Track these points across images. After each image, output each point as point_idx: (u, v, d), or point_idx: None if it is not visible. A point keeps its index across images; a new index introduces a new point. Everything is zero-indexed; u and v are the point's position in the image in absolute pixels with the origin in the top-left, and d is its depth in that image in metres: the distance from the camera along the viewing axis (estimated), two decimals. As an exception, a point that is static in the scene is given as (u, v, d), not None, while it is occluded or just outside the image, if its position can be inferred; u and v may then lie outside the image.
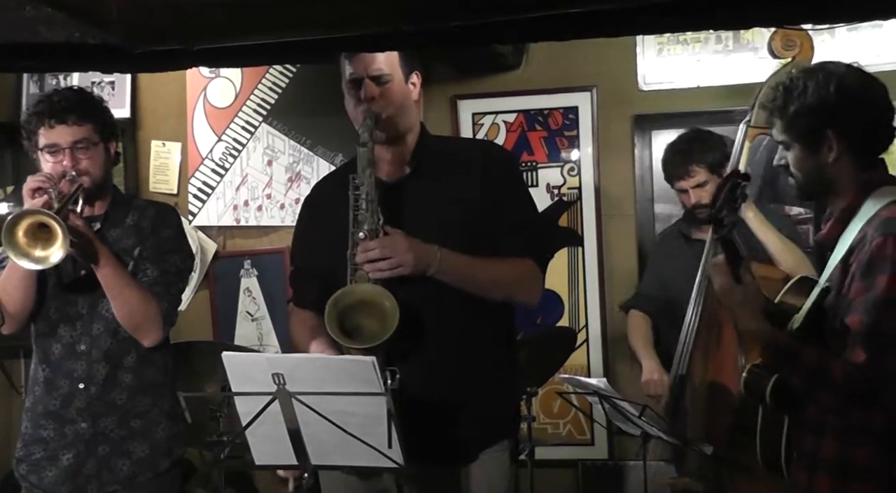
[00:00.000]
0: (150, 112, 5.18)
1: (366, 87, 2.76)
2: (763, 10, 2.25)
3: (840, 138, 2.47)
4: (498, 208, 2.79)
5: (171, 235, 3.23)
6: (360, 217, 2.67)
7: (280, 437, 2.47)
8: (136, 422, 3.14)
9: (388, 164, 2.84)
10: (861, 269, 2.37)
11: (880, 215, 2.40)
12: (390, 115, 2.77)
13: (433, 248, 2.67)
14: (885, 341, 2.31)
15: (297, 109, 4.98)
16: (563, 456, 4.69)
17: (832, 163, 2.49)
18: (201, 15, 2.30)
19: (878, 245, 2.34)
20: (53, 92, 3.14)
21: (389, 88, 2.79)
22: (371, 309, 2.62)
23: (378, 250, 2.62)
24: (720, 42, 4.57)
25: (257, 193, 5.03)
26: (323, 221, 2.89)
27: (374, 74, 2.77)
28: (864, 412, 2.38)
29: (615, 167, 4.70)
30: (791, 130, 2.53)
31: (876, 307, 2.32)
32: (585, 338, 4.71)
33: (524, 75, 4.79)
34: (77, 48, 2.48)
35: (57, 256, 2.80)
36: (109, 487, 3.12)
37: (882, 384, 2.32)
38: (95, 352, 3.11)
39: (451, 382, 2.74)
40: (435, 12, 2.28)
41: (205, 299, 5.10)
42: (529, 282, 2.86)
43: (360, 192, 2.68)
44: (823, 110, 2.47)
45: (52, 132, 3.04)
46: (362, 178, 2.68)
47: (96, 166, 3.09)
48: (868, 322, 2.32)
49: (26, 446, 3.17)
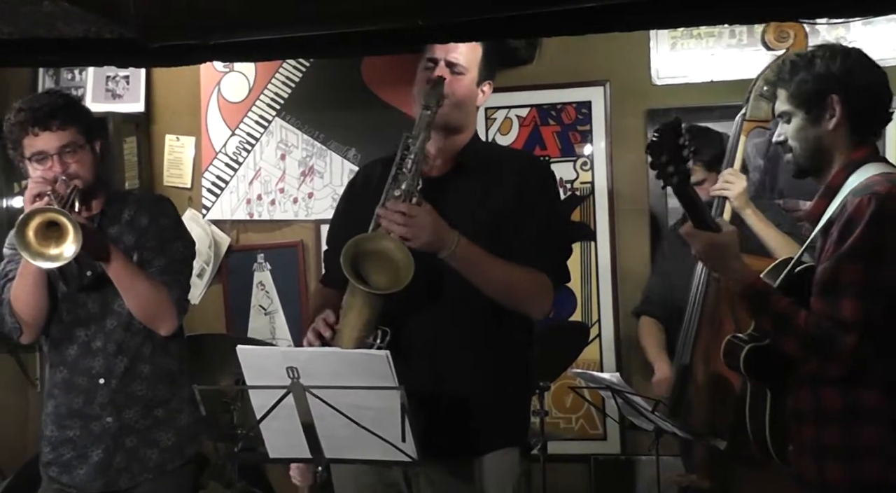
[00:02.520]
0: (165, 107, 5.19)
1: (439, 68, 2.80)
2: (778, 4, 2.26)
3: (842, 104, 2.53)
4: (526, 219, 2.80)
5: (170, 223, 3.24)
6: (401, 176, 2.68)
7: (294, 430, 2.47)
8: (159, 411, 3.17)
9: (433, 157, 2.85)
10: (840, 230, 2.44)
11: (860, 184, 2.48)
12: (451, 103, 2.79)
13: (454, 233, 2.66)
14: (843, 288, 2.39)
15: (310, 104, 4.98)
16: (576, 451, 4.68)
17: (831, 131, 2.55)
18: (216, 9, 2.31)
19: (858, 204, 2.42)
20: (32, 98, 3.11)
21: (460, 78, 2.82)
22: (386, 264, 2.62)
23: (402, 215, 2.62)
24: (734, 36, 4.55)
25: (270, 188, 5.04)
26: (363, 203, 2.86)
27: (451, 61, 2.81)
28: (857, 389, 2.44)
29: (628, 162, 4.69)
30: (795, 98, 2.59)
31: (841, 256, 2.41)
32: (598, 333, 4.70)
33: (537, 70, 4.78)
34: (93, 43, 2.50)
35: (71, 249, 2.82)
36: (140, 477, 3.15)
37: (836, 332, 2.38)
38: (111, 347, 3.12)
39: (458, 376, 2.74)
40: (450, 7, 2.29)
41: (218, 293, 5.12)
42: (539, 294, 2.83)
43: (408, 152, 2.69)
44: (829, 76, 2.55)
45: (38, 140, 3.01)
46: (416, 140, 2.69)
47: (85, 168, 3.07)
48: (830, 269, 2.42)
49: (54, 448, 3.18)
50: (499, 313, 2.77)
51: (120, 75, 5.12)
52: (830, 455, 2.48)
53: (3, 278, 3.16)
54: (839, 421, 2.47)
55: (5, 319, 3.11)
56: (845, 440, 2.46)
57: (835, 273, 2.41)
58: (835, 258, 2.42)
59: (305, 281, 5.01)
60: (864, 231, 2.38)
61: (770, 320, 2.53)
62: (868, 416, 2.44)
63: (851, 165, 2.55)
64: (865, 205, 2.40)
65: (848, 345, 2.38)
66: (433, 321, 2.73)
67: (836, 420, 2.48)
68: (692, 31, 4.56)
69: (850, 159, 2.56)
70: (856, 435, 2.44)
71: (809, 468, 2.53)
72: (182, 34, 2.33)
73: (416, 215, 2.63)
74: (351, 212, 2.97)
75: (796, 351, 2.49)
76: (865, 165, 2.54)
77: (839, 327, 2.38)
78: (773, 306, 2.52)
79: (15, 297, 3.07)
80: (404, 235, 2.61)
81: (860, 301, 2.38)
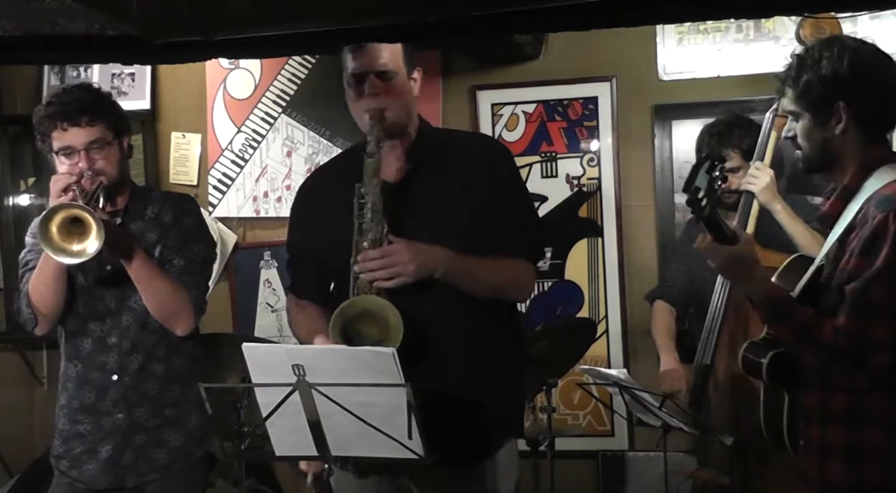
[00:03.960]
0: (170, 104, 5.19)
1: (370, 82, 2.74)
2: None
3: (849, 111, 2.49)
4: (496, 205, 2.78)
5: (194, 224, 3.25)
6: (364, 226, 2.65)
7: (300, 428, 2.47)
8: (169, 411, 3.17)
9: (389, 161, 2.80)
10: (862, 244, 2.40)
11: (881, 193, 2.43)
12: (394, 112, 2.76)
13: (438, 251, 2.66)
14: (876, 309, 2.36)
15: (316, 100, 4.97)
16: (583, 447, 4.68)
17: (839, 135, 2.51)
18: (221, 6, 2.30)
19: (881, 221, 2.38)
20: (63, 92, 3.12)
21: (394, 83, 2.77)
22: (375, 320, 2.61)
23: (378, 260, 2.61)
24: (741, 31, 4.53)
25: (277, 185, 5.03)
26: (320, 211, 2.87)
27: (379, 70, 2.75)
28: (867, 396, 2.42)
29: (635, 158, 4.68)
30: (801, 100, 2.54)
31: (872, 277, 2.37)
32: (605, 329, 4.69)
33: (544, 65, 4.76)
34: (97, 40, 2.50)
35: (94, 246, 2.82)
36: (147, 476, 3.15)
37: (867, 351, 2.36)
38: (126, 343, 3.12)
39: (460, 383, 2.72)
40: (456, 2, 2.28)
41: (225, 291, 5.11)
42: (524, 284, 2.91)
43: (365, 201, 2.66)
44: (835, 81, 2.49)
45: (66, 135, 3.02)
46: (368, 187, 2.66)
47: (112, 165, 3.08)
48: (861, 289, 2.37)
49: (65, 442, 3.19)
50: (485, 308, 2.76)
51: (125, 73, 5.12)
52: (833, 455, 2.47)
53: (23, 267, 3.17)
54: (843, 422, 2.45)
55: (22, 310, 3.12)
56: (848, 442, 2.44)
57: (866, 295, 2.37)
58: (865, 280, 2.37)
59: (312, 278, 5.00)
60: (891, 252, 2.35)
61: (791, 331, 2.50)
62: (873, 419, 2.42)
63: (868, 167, 2.50)
64: (891, 222, 2.36)
65: (881, 364, 2.36)
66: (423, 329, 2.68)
67: (840, 421, 2.46)
68: (699, 26, 4.55)
69: (866, 161, 2.51)
70: (859, 437, 2.43)
71: (813, 466, 2.53)
72: (185, 31, 2.32)
73: (392, 254, 2.62)
74: (311, 222, 2.92)
75: (820, 362, 2.46)
76: (883, 167, 2.49)
77: (873, 346, 2.36)
78: (796, 318, 2.48)
79: (33, 288, 3.07)
80: (390, 276, 2.60)
81: (892, 321, 2.36)
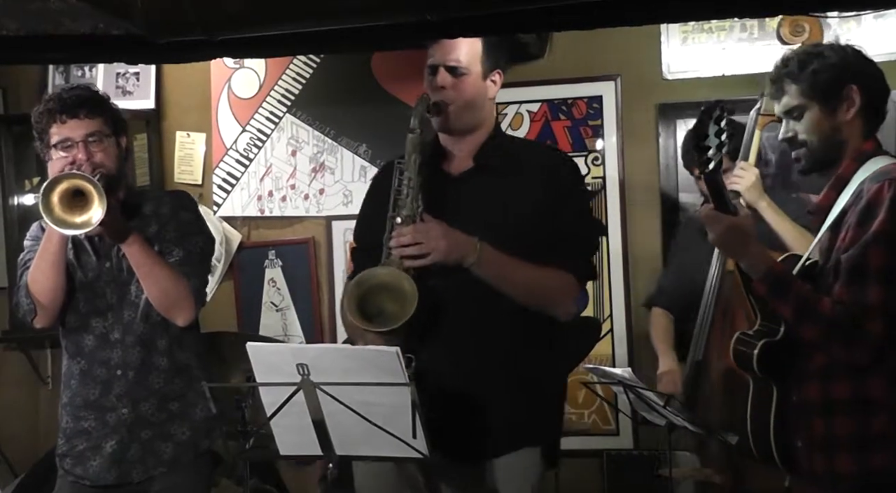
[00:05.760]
0: (175, 103, 5.19)
1: (440, 75, 2.78)
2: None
3: (861, 93, 2.53)
4: (553, 217, 2.77)
5: (191, 218, 3.25)
6: (399, 202, 2.69)
7: (304, 427, 2.47)
8: (174, 405, 3.17)
9: (454, 156, 2.85)
10: (858, 216, 2.43)
11: (875, 171, 2.48)
12: (458, 107, 2.78)
13: (472, 240, 2.66)
14: (872, 274, 2.38)
15: (321, 100, 4.97)
16: (588, 446, 4.67)
17: (848, 121, 2.54)
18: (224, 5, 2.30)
19: (876, 190, 2.41)
20: (62, 91, 3.13)
21: (463, 80, 2.79)
22: (392, 293, 2.62)
23: (410, 235, 2.63)
24: (745, 30, 4.53)
25: (281, 184, 5.03)
26: (383, 201, 2.86)
27: (450, 64, 2.78)
28: (865, 379, 2.43)
29: (639, 156, 4.67)
30: (809, 90, 2.56)
31: (868, 242, 2.39)
32: (610, 328, 4.69)
33: (548, 64, 4.76)
34: (101, 39, 2.50)
35: (98, 214, 2.83)
36: (154, 470, 3.15)
37: (863, 317, 2.37)
38: (129, 338, 3.12)
39: (471, 377, 2.72)
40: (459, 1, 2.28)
41: (229, 290, 5.11)
42: (565, 296, 2.84)
43: (403, 177, 2.70)
44: (844, 67, 2.54)
45: (65, 127, 3.03)
46: (407, 163, 2.70)
47: (110, 158, 3.08)
48: (858, 255, 2.40)
49: (69, 440, 3.18)
50: (518, 315, 2.75)
51: (130, 72, 5.13)
52: (840, 446, 2.47)
53: (22, 266, 3.17)
54: (849, 412, 2.47)
55: (21, 301, 3.12)
56: (855, 430, 2.45)
57: (862, 259, 2.39)
58: (860, 245, 2.39)
59: (317, 277, 5.00)
60: (888, 217, 2.37)
61: (790, 306, 2.50)
62: (877, 406, 2.44)
63: (861, 157, 2.54)
64: (886, 190, 2.39)
65: (875, 331, 2.37)
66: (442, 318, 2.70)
67: (845, 411, 2.47)
68: (703, 25, 4.54)
69: (860, 151, 2.55)
70: (866, 425, 2.44)
71: (819, 461, 2.53)
72: (189, 30, 2.33)
73: (424, 231, 2.64)
74: (374, 212, 2.92)
75: (818, 337, 2.47)
76: (874, 158, 2.53)
77: (866, 313, 2.37)
78: (795, 291, 2.49)
79: (32, 278, 3.07)
80: (419, 253, 2.62)
81: (887, 287, 2.37)
